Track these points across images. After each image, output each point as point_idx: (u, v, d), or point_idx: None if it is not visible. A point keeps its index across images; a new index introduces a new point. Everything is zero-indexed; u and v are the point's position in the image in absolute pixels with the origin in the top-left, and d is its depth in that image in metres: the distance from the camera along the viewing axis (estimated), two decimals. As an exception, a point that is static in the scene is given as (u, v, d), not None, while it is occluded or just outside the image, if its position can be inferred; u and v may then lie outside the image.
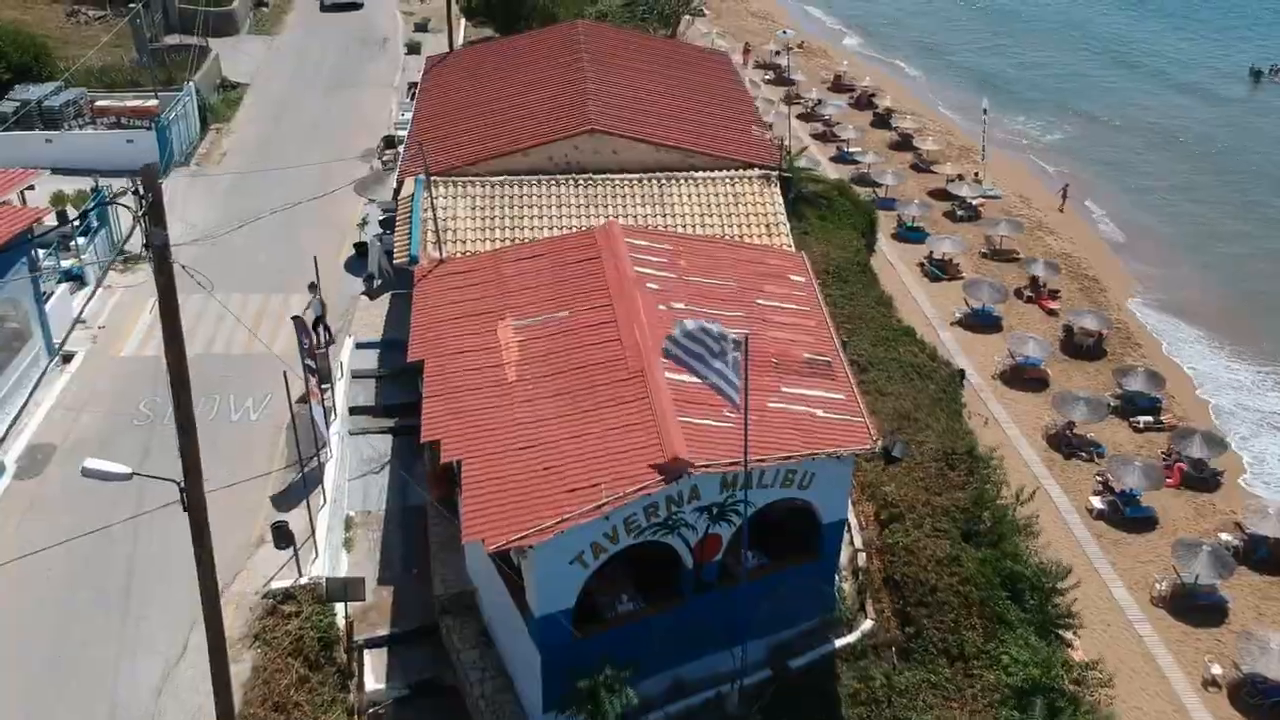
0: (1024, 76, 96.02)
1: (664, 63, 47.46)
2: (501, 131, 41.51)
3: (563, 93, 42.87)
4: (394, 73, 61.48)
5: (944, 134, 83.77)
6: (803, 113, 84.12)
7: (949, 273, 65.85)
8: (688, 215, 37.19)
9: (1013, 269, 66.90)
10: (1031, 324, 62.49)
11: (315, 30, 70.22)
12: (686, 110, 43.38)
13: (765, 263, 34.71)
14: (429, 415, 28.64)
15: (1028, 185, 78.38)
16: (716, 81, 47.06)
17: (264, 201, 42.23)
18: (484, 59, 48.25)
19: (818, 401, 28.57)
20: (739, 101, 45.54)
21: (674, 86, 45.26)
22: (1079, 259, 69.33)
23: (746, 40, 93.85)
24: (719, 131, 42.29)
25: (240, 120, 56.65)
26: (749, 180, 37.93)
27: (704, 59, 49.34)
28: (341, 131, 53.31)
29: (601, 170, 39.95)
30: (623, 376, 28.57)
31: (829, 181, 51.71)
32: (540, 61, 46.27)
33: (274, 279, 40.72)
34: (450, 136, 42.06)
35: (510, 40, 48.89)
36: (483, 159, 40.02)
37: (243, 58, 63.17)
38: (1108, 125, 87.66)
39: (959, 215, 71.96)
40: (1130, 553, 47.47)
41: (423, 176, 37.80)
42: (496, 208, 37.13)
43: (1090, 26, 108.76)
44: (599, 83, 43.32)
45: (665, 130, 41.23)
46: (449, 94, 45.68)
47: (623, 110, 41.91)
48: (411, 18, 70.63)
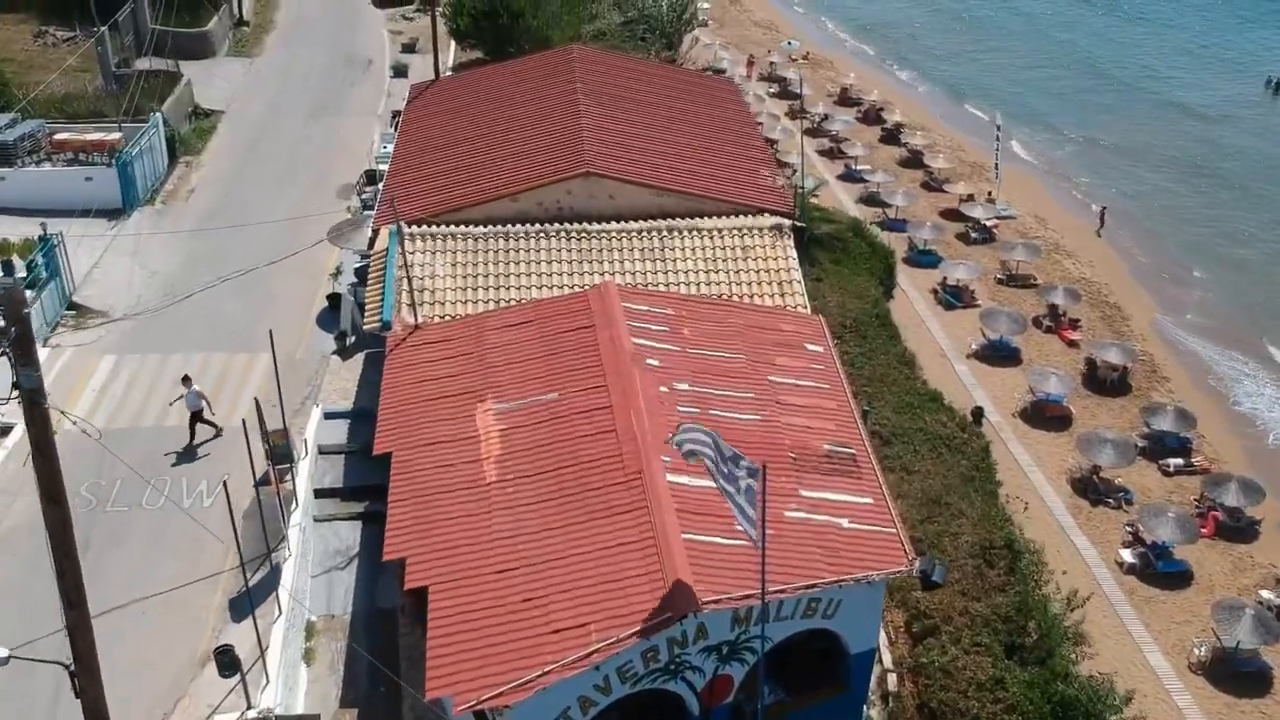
0: (1035, 89, 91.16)
1: (665, 92, 43.02)
2: (488, 172, 37.12)
3: (555, 129, 38.46)
4: (378, 98, 56.84)
5: (955, 150, 79.25)
6: (809, 128, 79.60)
7: (964, 300, 61.39)
8: (692, 271, 32.79)
9: (1030, 296, 62.46)
10: (1051, 355, 58.09)
11: (297, 51, 65.04)
12: (690, 146, 38.98)
13: (779, 329, 30.33)
14: (394, 527, 24.31)
15: (1043, 204, 73.89)
16: (722, 112, 42.63)
17: (232, 244, 38.00)
18: (471, 88, 43.83)
19: (843, 508, 24.20)
20: (747, 135, 41.10)
21: (676, 119, 40.85)
22: (1099, 284, 64.85)
23: (751, 52, 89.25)
24: (726, 171, 37.89)
25: (212, 152, 52.06)
26: (759, 232, 33.50)
27: (708, 86, 44.90)
28: (320, 164, 49.07)
29: (597, 216, 35.64)
30: (618, 478, 24.24)
31: (843, 221, 47.07)
32: (532, 92, 41.85)
33: (240, 335, 36.31)
34: (432, 177, 37.67)
35: (500, 67, 44.49)
36: (466, 205, 35.67)
37: (218, 82, 58.76)
38: (1122, 139, 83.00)
39: (973, 237, 67.46)
40: (1164, 612, 43.13)
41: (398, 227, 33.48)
42: (480, 264, 32.73)
43: (1103, 40, 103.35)
44: (594, 117, 38.90)
45: (666, 171, 36.85)
46: (432, 127, 41.26)
47: (620, 149, 37.51)
48: (399, 37, 65.72)
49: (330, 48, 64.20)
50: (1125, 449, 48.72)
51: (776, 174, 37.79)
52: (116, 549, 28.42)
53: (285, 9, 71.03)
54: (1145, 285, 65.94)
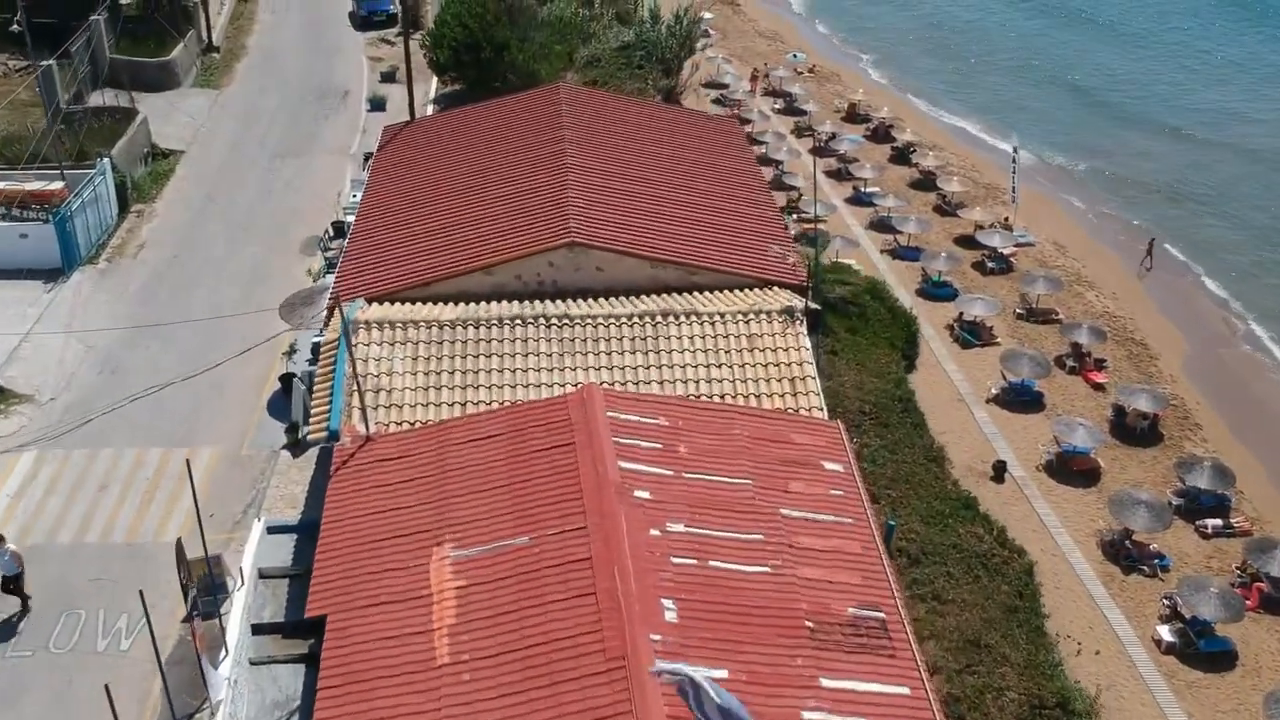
0: (1051, 103, 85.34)
1: (662, 137, 37.84)
2: (462, 237, 32.03)
3: (539, 186, 33.35)
4: (352, 135, 51.11)
5: (968, 170, 73.82)
6: (815, 146, 74.18)
7: (982, 338, 56.06)
8: (689, 365, 27.62)
9: (1052, 333, 57.13)
10: (1076, 399, 52.84)
11: (269, 81, 58.80)
12: (689, 204, 33.83)
13: (790, 441, 25.19)
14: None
15: (1061, 228, 68.44)
16: (725, 160, 37.45)
17: (181, 309, 33.04)
18: (447, 132, 38.63)
19: (873, 704, 19.14)
20: (752, 189, 35.88)
21: (674, 171, 35.69)
22: (1124, 319, 59.49)
23: (755, 65, 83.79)
24: (730, 235, 32.76)
25: (167, 199, 46.42)
26: (767, 317, 28.31)
27: (710, 130, 39.59)
28: (285, 212, 43.98)
29: (584, 290, 30.59)
30: (597, 664, 19.20)
31: (859, 282, 41.63)
32: (514, 139, 36.70)
33: (180, 424, 31.21)
34: (398, 242, 32.56)
35: (481, 108, 39.26)
36: (436, 279, 30.59)
37: (181, 118, 52.93)
38: (1145, 153, 77.55)
39: (989, 267, 62.05)
40: (1210, 700, 37.96)
41: (356, 303, 28.47)
42: (445, 357, 27.58)
43: (1126, 48, 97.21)
44: (582, 172, 33.75)
45: (663, 237, 31.73)
46: (402, 180, 36.13)
47: (611, 210, 32.39)
48: (379, 65, 59.24)
49: (304, 76, 58.15)
50: (1160, 512, 43.56)
51: (787, 244, 32.58)
52: (7, 713, 23.53)
53: (260, 33, 64.91)
54: (1172, 319, 60.61)
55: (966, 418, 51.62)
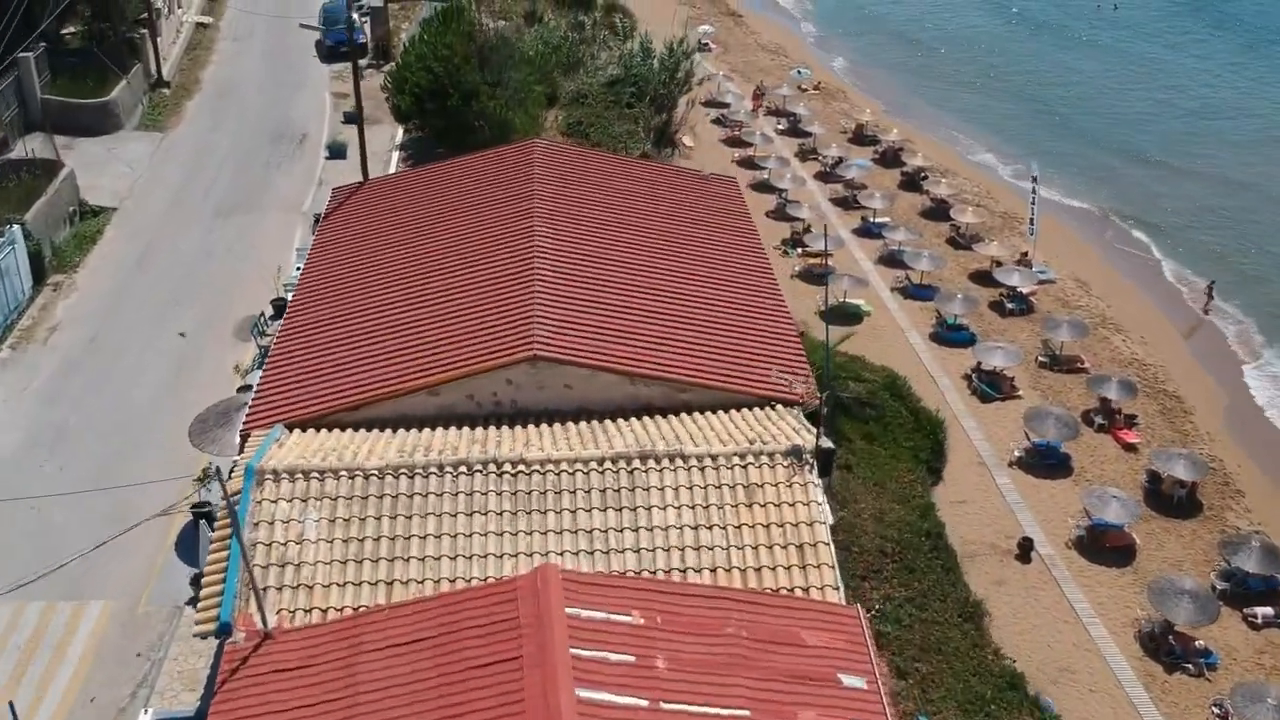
0: (1070, 118, 78.51)
1: (649, 206, 31.64)
2: (403, 343, 25.93)
3: (501, 276, 27.29)
4: (307, 188, 43.80)
5: (982, 196, 67.44)
6: (821, 171, 68.00)
7: (1003, 390, 49.95)
8: (673, 526, 21.44)
9: (1077, 384, 50.94)
10: (1106, 462, 46.70)
11: (221, 121, 51.57)
12: (680, 296, 27.68)
13: (800, 644, 19.15)
14: None
15: (1083, 261, 62.05)
16: (723, 234, 31.25)
17: (89, 413, 26.96)
18: (402, 198, 32.44)
19: None
20: (754, 274, 29.61)
21: (663, 252, 29.51)
22: (1155, 368, 53.22)
23: (758, 82, 77.29)
24: (726, 336, 26.62)
25: (92, 267, 39.65)
26: (769, 461, 22.16)
27: (705, 194, 33.22)
28: (223, 285, 37.83)
29: (550, 412, 24.56)
30: None
31: (876, 377, 35.17)
32: (477, 211, 30.59)
33: (69, 571, 25.14)
34: (329, 347, 26.46)
35: (444, 169, 32.98)
36: (368, 400, 24.54)
37: (117, 167, 45.79)
38: (1168, 176, 70.96)
39: (1008, 308, 55.84)
40: (1271, 834, 32.31)
41: (271, 435, 22.44)
42: (369, 519, 21.43)
43: (1153, 63, 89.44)
44: (554, 257, 27.68)
45: (646, 345, 25.61)
46: (343, 262, 29.99)
47: (585, 309, 26.30)
48: (344, 102, 50.89)
49: (261, 115, 51.32)
50: (1205, 603, 37.58)
51: (794, 347, 26.37)
52: None
53: (217, 64, 57.46)
54: (1206, 365, 54.39)
55: (987, 484, 45.69)
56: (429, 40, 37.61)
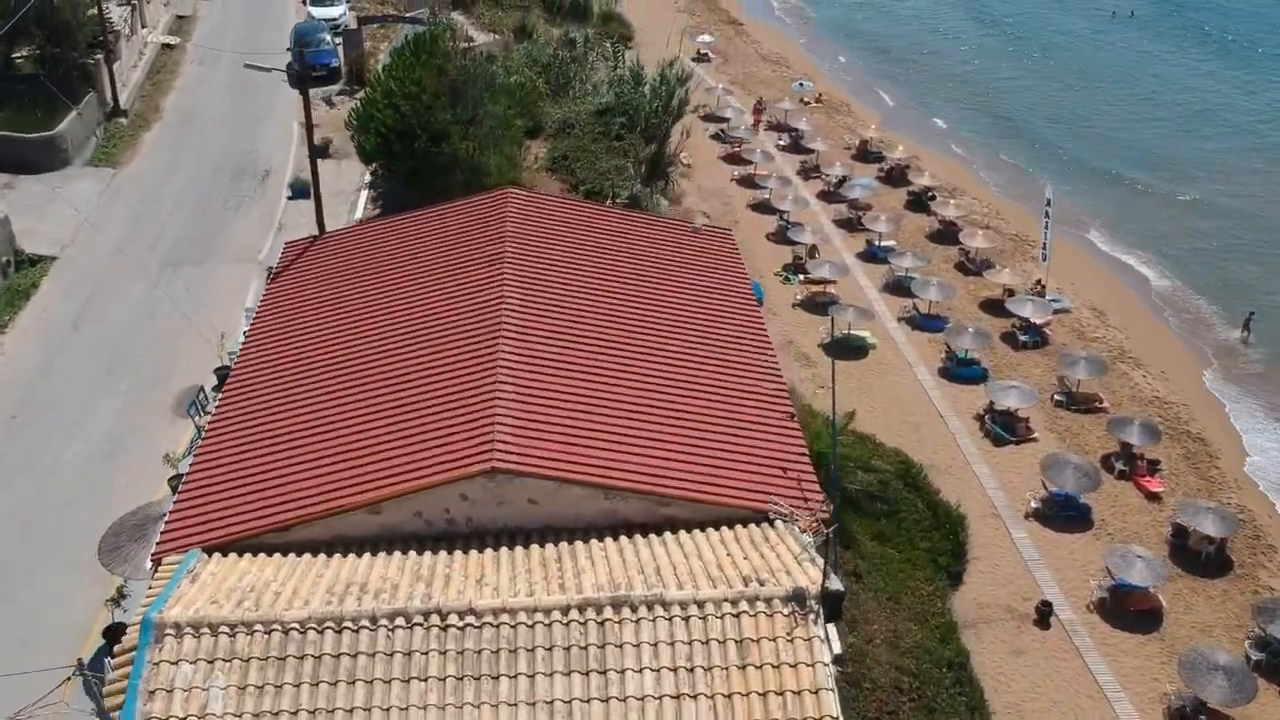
0: (1083, 138, 73.67)
1: (634, 269, 27.61)
2: (343, 448, 21.96)
3: (461, 361, 23.31)
4: (265, 233, 39.15)
5: (992, 217, 63.34)
6: (824, 190, 63.98)
7: (1018, 433, 46.08)
8: (650, 695, 17.46)
9: (1096, 425, 46.97)
10: (1128, 512, 42.85)
11: (180, 155, 45.98)
12: (665, 385, 23.67)
13: None
14: None
15: (1099, 287, 57.96)
16: (716, 301, 27.17)
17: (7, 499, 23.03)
18: (358, 257, 28.41)
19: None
20: (750, 350, 25.56)
21: (647, 328, 25.49)
22: (1177, 406, 49.21)
23: (759, 96, 73.05)
24: (717, 436, 22.62)
25: (23, 328, 35.18)
26: (766, 608, 18.19)
27: (696, 251, 29.06)
28: (164, 349, 33.32)
29: (509, 531, 20.65)
30: None
31: (888, 466, 30.82)
32: (439, 276, 26.62)
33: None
34: (259, 451, 22.49)
35: (407, 222, 28.87)
36: (299, 520, 20.61)
37: (61, 210, 40.58)
38: (1189, 196, 66.67)
39: (1022, 340, 51.88)
40: None
41: (186, 560, 18.59)
42: (286, 688, 17.44)
43: (1175, 75, 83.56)
44: (522, 339, 23.71)
45: (624, 448, 21.64)
46: (286, 336, 25.99)
47: (555, 407, 22.30)
48: (315, 132, 40.23)
49: (223, 148, 45.84)
50: (1242, 680, 33.77)
51: (796, 449, 22.33)
52: None
53: (181, 90, 52.30)
54: (1231, 403, 50.32)
55: (1002, 538, 41.90)
56: (397, 74, 33.48)
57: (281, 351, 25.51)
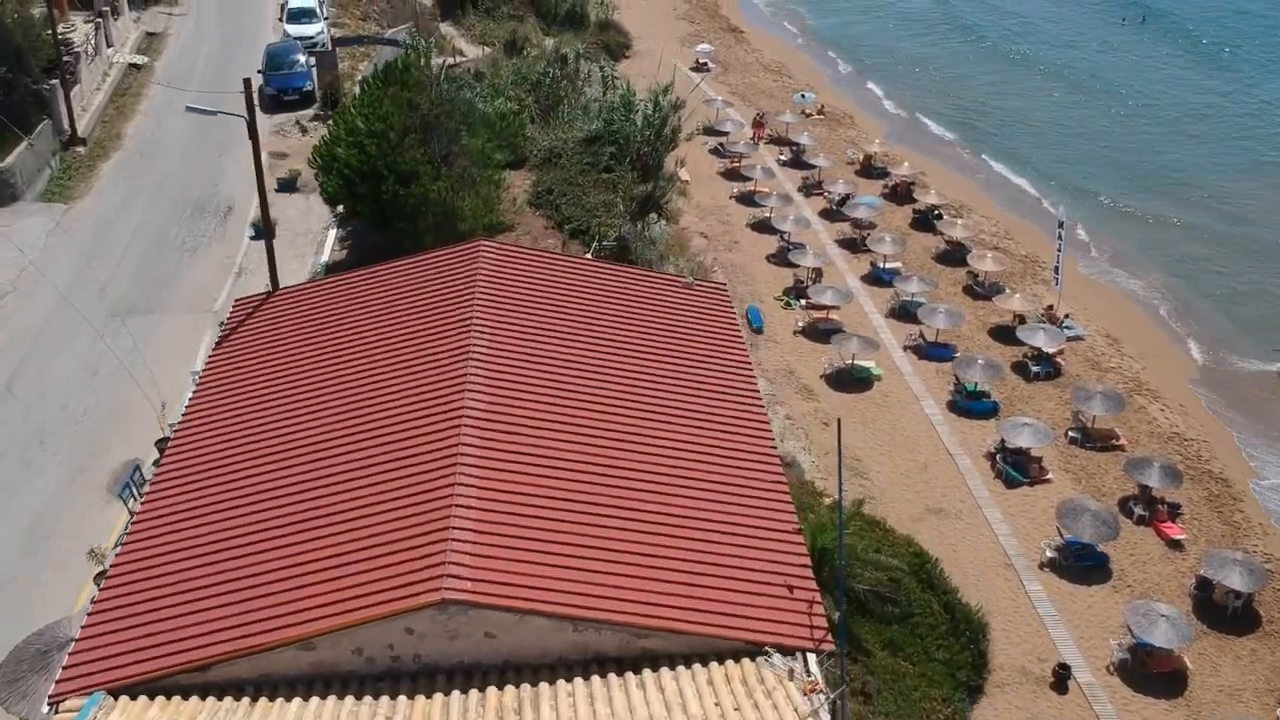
0: (1095, 151, 69.70)
1: (618, 339, 24.28)
2: (276, 566, 18.72)
3: (413, 465, 19.98)
4: (223, 278, 34.98)
5: (1002, 237, 59.91)
6: (826, 209, 60.63)
7: (1031, 475, 42.89)
8: None
9: (1113, 463, 43.74)
10: (1149, 561, 39.67)
11: (137, 187, 41.12)
12: (648, 490, 20.37)
13: None
14: None
15: (1114, 313, 54.53)
16: (708, 378, 23.79)
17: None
18: (310, 321, 25.09)
19: None
20: (745, 438, 22.20)
21: (628, 416, 22.15)
22: (1197, 444, 45.88)
23: (759, 107, 69.53)
24: (704, 552, 19.31)
25: None
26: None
27: (688, 312, 25.67)
28: (107, 412, 29.64)
29: (465, 668, 17.43)
30: None
31: (900, 561, 27.07)
32: (397, 350, 23.31)
33: None
34: (180, 572, 19.24)
35: (368, 278, 25.49)
36: (217, 658, 17.37)
37: (4, 251, 36.66)
38: (1209, 213, 62.94)
39: (1034, 372, 48.57)
40: None
41: (88, 707, 15.43)
42: None
43: (1190, 84, 79.37)
44: (485, 437, 20.39)
45: (597, 571, 18.37)
46: (221, 423, 22.70)
47: (521, 519, 19.02)
48: (281, 164, 41.64)
49: (184, 182, 40.75)
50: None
51: (798, 565, 19.02)
52: None
53: (145, 115, 47.95)
54: (1256, 441, 46.86)
55: (1015, 591, 38.77)
56: (363, 108, 30.04)
57: (216, 438, 22.28)
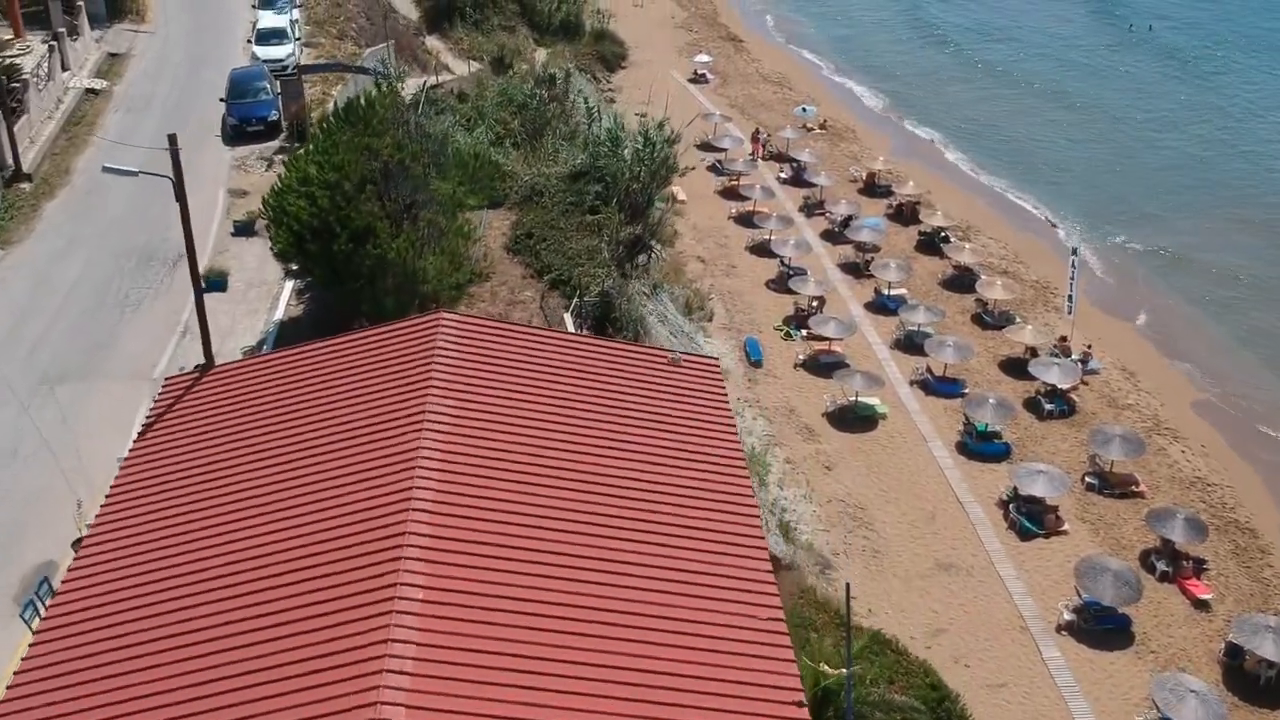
0: (1105, 166, 65.77)
1: (595, 422, 20.76)
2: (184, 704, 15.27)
3: (342, 617, 16.48)
4: (166, 341, 29.83)
5: (1011, 260, 56.41)
6: (828, 230, 57.18)
7: (1046, 525, 39.61)
8: None
9: (1132, 512, 40.52)
10: (1174, 624, 36.50)
11: (81, 232, 35.60)
12: (623, 630, 16.87)
13: None
14: None
15: (1128, 345, 51.05)
16: (698, 475, 20.22)
17: None
18: (243, 408, 21.55)
19: None
20: (736, 560, 18.64)
21: (607, 522, 18.65)
22: (1222, 489, 42.53)
23: (758, 124, 65.84)
24: (688, 691, 15.87)
25: None
26: None
27: (676, 396, 22.04)
28: (22, 503, 25.08)
29: None
30: None
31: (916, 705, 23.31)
32: (337, 449, 19.80)
33: None
34: (86, 689, 15.84)
35: (309, 359, 21.95)
36: None
37: None
38: (1229, 232, 59.13)
39: (1047, 410, 45.18)
40: None
41: None
42: None
43: (1201, 96, 74.82)
44: (431, 563, 16.95)
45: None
46: (133, 534, 19.22)
47: (469, 666, 15.57)
48: (242, 203, 36.22)
49: (133, 223, 34.76)
50: None
51: None
52: None
53: (97, 148, 41.20)
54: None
55: (1031, 657, 35.61)
56: (318, 153, 26.32)
57: (131, 544, 18.93)
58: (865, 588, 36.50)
